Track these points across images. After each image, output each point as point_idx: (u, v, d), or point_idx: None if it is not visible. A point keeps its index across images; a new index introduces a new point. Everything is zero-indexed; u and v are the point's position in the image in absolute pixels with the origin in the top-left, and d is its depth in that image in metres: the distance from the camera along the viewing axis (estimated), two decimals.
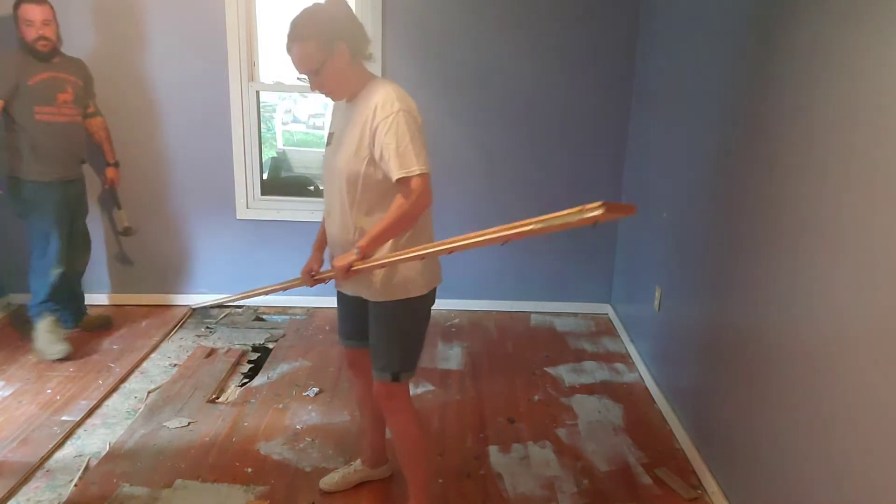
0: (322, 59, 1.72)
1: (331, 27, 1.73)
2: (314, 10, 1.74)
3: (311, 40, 1.71)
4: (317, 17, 1.73)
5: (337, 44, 1.73)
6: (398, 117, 1.70)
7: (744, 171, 2.15)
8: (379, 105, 1.73)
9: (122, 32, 3.47)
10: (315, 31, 1.71)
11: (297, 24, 1.72)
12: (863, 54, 1.54)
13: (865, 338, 1.48)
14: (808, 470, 1.70)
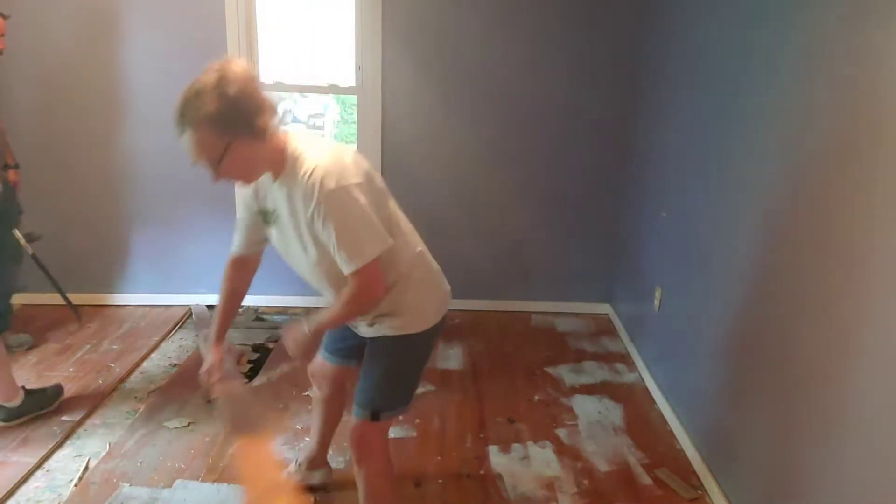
0: (223, 145, 1.42)
1: (230, 107, 1.40)
2: (206, 86, 1.41)
3: (206, 126, 1.40)
4: (210, 95, 1.39)
5: (237, 130, 1.42)
6: (329, 203, 1.45)
7: (744, 171, 2.15)
8: (306, 193, 1.48)
9: (122, 33, 3.47)
10: (210, 113, 1.39)
11: (186, 106, 1.41)
12: (865, 51, 1.54)
13: (866, 338, 1.48)
14: (809, 470, 1.70)
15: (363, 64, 3.58)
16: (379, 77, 3.56)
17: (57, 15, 3.41)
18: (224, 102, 1.39)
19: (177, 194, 3.71)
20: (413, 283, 1.72)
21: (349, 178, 1.49)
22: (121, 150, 3.61)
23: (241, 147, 1.43)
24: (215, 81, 1.40)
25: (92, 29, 3.44)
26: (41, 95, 3.49)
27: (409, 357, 1.77)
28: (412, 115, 3.65)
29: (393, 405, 1.77)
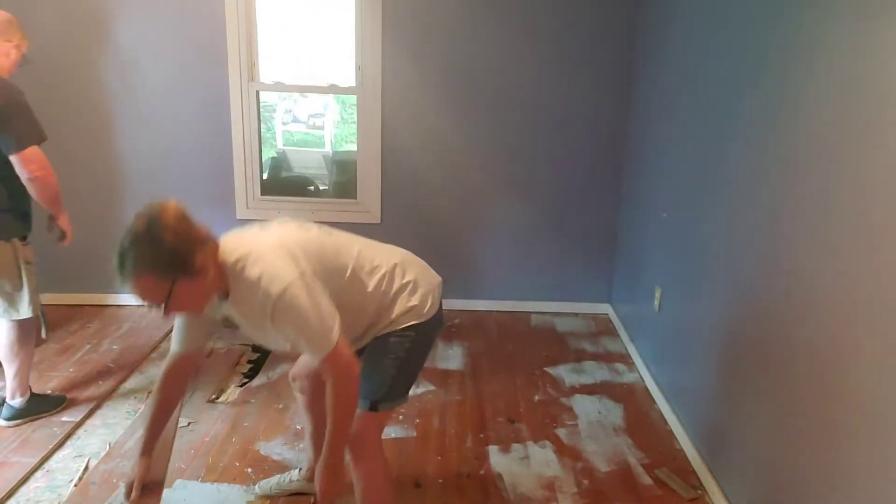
0: (166, 288, 1.45)
1: (167, 253, 1.43)
2: (139, 236, 1.43)
3: (146, 274, 1.44)
4: (145, 244, 1.43)
5: (177, 271, 1.45)
6: (279, 309, 1.50)
7: (744, 171, 2.15)
8: (259, 305, 1.52)
9: (122, 33, 3.47)
10: (148, 262, 1.43)
11: (124, 257, 1.44)
12: (865, 52, 1.54)
13: (867, 337, 1.48)
14: (809, 470, 1.70)
15: (363, 64, 3.58)
16: (379, 77, 3.56)
17: (55, 14, 3.41)
18: (160, 249, 1.43)
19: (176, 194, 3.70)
20: (397, 298, 1.76)
21: (288, 276, 1.52)
22: (121, 150, 3.61)
23: (183, 286, 1.47)
24: (147, 229, 1.44)
25: (91, 29, 3.44)
26: (40, 95, 3.48)
27: (409, 348, 1.77)
28: (412, 114, 3.65)
29: (392, 396, 1.77)
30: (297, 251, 1.59)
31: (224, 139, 3.63)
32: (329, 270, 1.64)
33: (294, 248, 1.60)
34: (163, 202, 1.49)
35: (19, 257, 2.43)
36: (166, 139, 3.62)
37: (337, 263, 1.68)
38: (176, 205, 1.50)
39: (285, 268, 1.53)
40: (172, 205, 1.49)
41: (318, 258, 1.63)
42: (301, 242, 1.63)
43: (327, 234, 1.72)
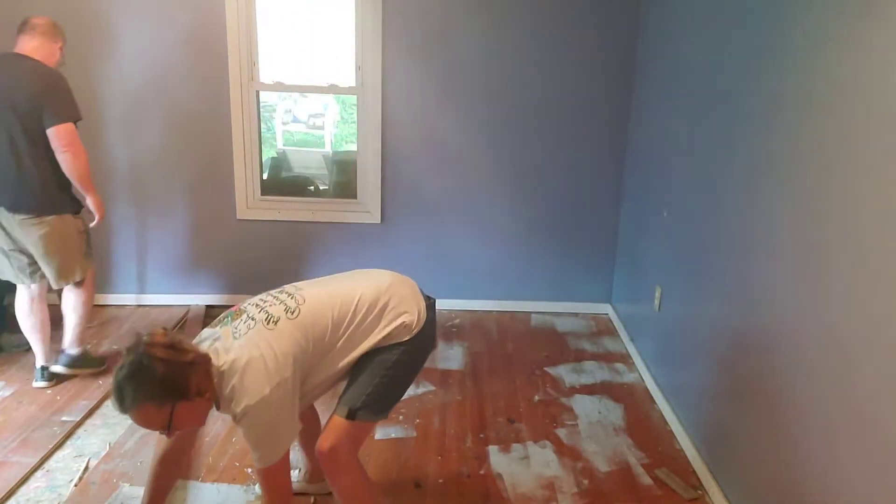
0: (167, 414, 1.51)
1: (162, 383, 1.49)
2: (134, 370, 1.48)
3: (145, 405, 1.49)
4: (140, 378, 1.48)
5: (173, 397, 1.51)
6: (244, 416, 1.58)
7: (744, 171, 2.15)
8: (232, 409, 1.59)
9: (123, 32, 3.47)
10: (145, 394, 1.48)
11: (122, 391, 1.48)
12: (867, 50, 1.53)
13: (867, 337, 1.48)
14: (809, 470, 1.70)
15: (363, 64, 3.58)
16: (379, 77, 3.56)
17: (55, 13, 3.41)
18: (153, 380, 1.48)
19: (177, 194, 3.71)
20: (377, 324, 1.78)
21: (257, 393, 1.57)
22: (121, 150, 3.61)
23: (183, 408, 1.52)
24: (139, 363, 1.48)
25: (91, 28, 3.44)
26: None
27: (395, 362, 1.78)
28: (412, 114, 3.65)
29: (371, 407, 1.76)
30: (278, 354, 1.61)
31: (224, 139, 3.63)
32: (308, 355, 1.69)
33: (272, 353, 1.61)
34: (150, 332, 1.55)
35: (76, 228, 2.79)
36: (166, 139, 3.62)
37: (312, 344, 1.70)
38: (163, 333, 1.56)
39: (257, 383, 1.57)
40: (160, 334, 1.56)
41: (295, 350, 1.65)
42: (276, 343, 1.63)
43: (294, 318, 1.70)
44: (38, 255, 2.73)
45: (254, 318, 1.68)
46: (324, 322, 1.72)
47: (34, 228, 2.67)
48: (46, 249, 2.71)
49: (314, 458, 2.16)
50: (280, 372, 1.60)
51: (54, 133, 2.57)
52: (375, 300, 1.78)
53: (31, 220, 2.66)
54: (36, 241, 2.69)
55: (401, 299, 1.81)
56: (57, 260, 2.74)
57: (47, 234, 2.68)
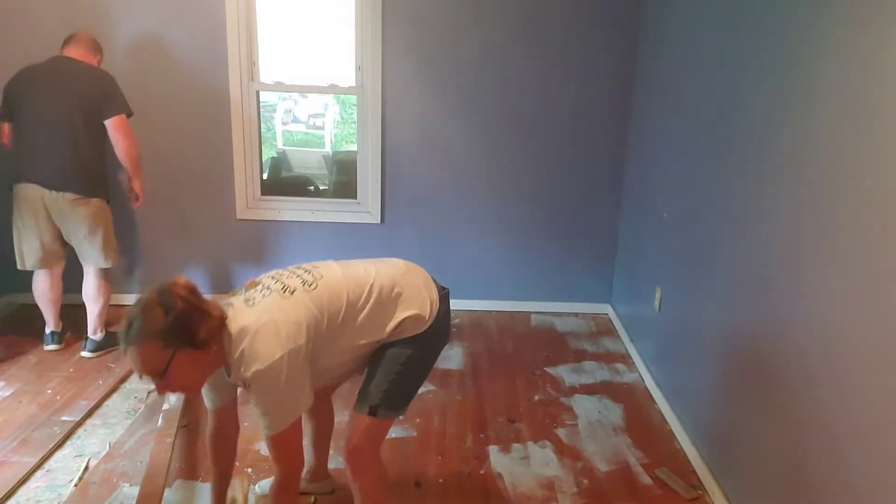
0: (167, 358, 1.48)
1: (175, 320, 1.47)
2: (150, 302, 1.49)
3: (151, 340, 1.46)
4: (156, 311, 1.48)
5: (180, 342, 1.49)
6: (255, 384, 1.55)
7: (745, 171, 2.15)
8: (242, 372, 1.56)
9: (122, 32, 3.47)
10: (155, 328, 1.46)
11: (132, 322, 1.48)
12: (868, 51, 1.54)
13: (867, 338, 1.48)
14: (809, 469, 1.70)
15: (363, 64, 3.58)
16: (379, 77, 3.56)
17: (54, 13, 3.42)
18: (168, 316, 1.47)
19: (177, 194, 3.71)
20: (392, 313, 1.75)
21: (269, 357, 1.53)
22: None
23: (184, 356, 1.49)
24: (158, 296, 1.49)
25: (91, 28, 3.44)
26: None
27: (409, 357, 1.75)
28: (412, 114, 3.65)
29: (390, 404, 1.75)
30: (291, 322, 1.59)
31: (224, 139, 3.63)
32: (322, 328, 1.65)
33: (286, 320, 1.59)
34: (173, 277, 1.56)
35: (110, 214, 3.11)
36: (166, 139, 3.62)
37: (328, 317, 1.67)
38: (186, 280, 1.57)
39: (269, 348, 1.54)
40: (183, 279, 1.56)
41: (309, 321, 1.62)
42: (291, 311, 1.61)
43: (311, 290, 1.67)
44: (83, 234, 3.00)
45: (269, 288, 1.66)
46: (340, 300, 1.69)
47: (82, 209, 2.96)
48: (92, 228, 3.00)
49: (320, 457, 2.18)
50: (293, 339, 1.57)
51: (114, 123, 2.94)
52: (391, 287, 1.75)
53: (81, 200, 2.95)
54: (82, 220, 2.98)
55: (415, 289, 1.79)
56: (100, 238, 3.04)
57: (94, 214, 3.00)
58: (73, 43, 3.01)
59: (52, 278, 3.11)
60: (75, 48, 3.00)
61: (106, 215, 3.08)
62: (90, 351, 3.15)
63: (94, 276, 3.11)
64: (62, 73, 2.93)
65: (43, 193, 2.90)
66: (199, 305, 1.53)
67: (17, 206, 2.98)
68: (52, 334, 3.20)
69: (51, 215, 2.95)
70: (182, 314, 1.48)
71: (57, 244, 3.04)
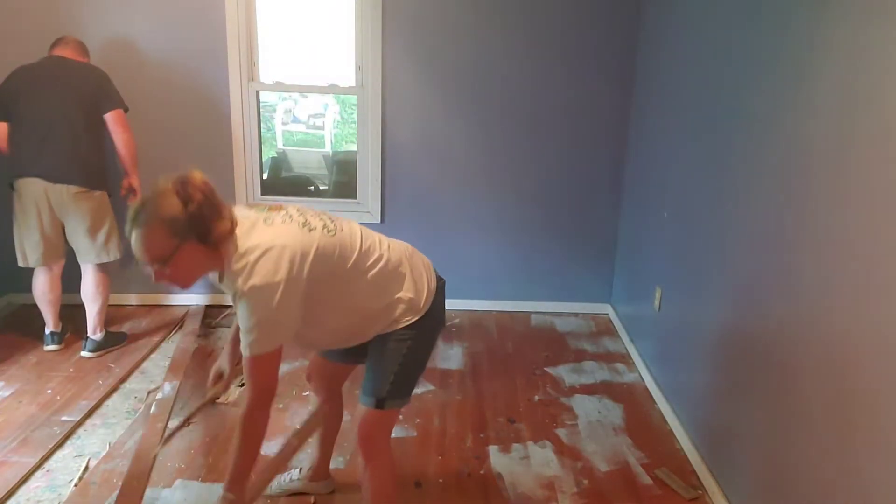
0: (171, 248, 1.47)
1: (184, 212, 1.47)
2: (167, 189, 1.50)
3: (160, 225, 1.46)
4: (171, 198, 1.48)
5: (189, 235, 1.48)
6: (245, 300, 1.52)
7: (745, 171, 2.15)
8: (237, 286, 1.53)
9: (122, 32, 3.47)
10: (167, 214, 1.46)
11: (145, 205, 1.49)
12: (867, 51, 1.54)
13: (867, 338, 1.48)
14: (809, 469, 1.70)
15: (363, 64, 3.58)
16: (379, 77, 3.56)
17: (55, 13, 3.42)
18: (183, 206, 1.47)
19: None
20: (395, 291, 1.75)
21: (266, 277, 1.51)
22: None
23: (189, 250, 1.49)
24: (176, 186, 1.49)
25: (90, 29, 3.44)
26: None
27: (410, 347, 1.76)
28: (412, 114, 3.65)
29: (397, 394, 1.77)
30: (300, 252, 1.57)
31: (224, 139, 3.63)
32: (330, 270, 1.63)
33: (297, 249, 1.57)
34: (192, 171, 1.53)
35: (111, 207, 3.13)
36: (166, 139, 3.62)
37: (338, 262, 1.66)
38: (204, 176, 1.54)
39: (273, 268, 1.52)
40: (201, 174, 1.54)
41: (320, 259, 1.61)
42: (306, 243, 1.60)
43: (329, 235, 1.68)
44: (84, 229, 3.02)
45: (291, 217, 1.64)
46: (351, 254, 1.68)
47: (85, 203, 2.99)
48: (93, 223, 3.03)
49: (324, 456, 2.19)
50: (297, 269, 1.55)
51: (114, 116, 3.01)
52: (398, 263, 1.76)
53: (84, 194, 2.98)
54: (85, 215, 3.01)
55: (417, 273, 1.80)
56: (103, 232, 3.08)
57: (96, 209, 3.04)
58: (62, 45, 3.05)
59: (51, 278, 3.13)
60: (65, 49, 3.04)
61: (108, 208, 3.12)
62: (90, 351, 3.15)
63: (92, 275, 3.13)
64: (58, 70, 2.98)
65: (46, 186, 2.92)
66: (215, 204, 1.52)
67: (19, 202, 2.99)
68: (52, 334, 3.21)
69: (53, 209, 2.97)
70: (198, 208, 1.47)
71: (58, 238, 3.06)
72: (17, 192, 2.99)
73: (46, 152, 2.92)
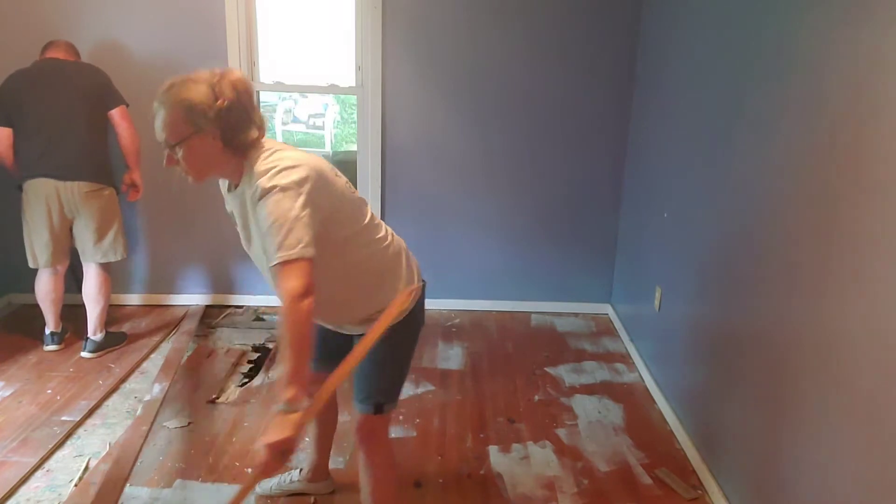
0: (186, 134, 1.44)
1: (211, 104, 1.43)
2: (202, 77, 1.46)
3: (183, 109, 1.43)
4: (204, 86, 1.44)
5: (208, 128, 1.44)
6: (269, 198, 1.44)
7: (744, 172, 2.15)
8: (252, 192, 1.48)
9: (122, 33, 3.47)
10: (189, 100, 1.42)
11: (177, 85, 1.45)
12: (868, 52, 1.54)
13: (867, 338, 1.48)
14: (809, 469, 1.70)
15: (363, 64, 3.58)
16: (379, 77, 3.56)
17: (54, 12, 3.41)
18: (212, 97, 1.43)
19: (177, 194, 3.71)
20: (385, 278, 1.73)
21: (291, 181, 1.45)
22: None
23: (203, 144, 1.46)
24: (213, 77, 1.46)
25: (90, 29, 3.44)
26: None
27: (394, 349, 1.74)
28: (412, 114, 3.65)
29: (392, 396, 1.80)
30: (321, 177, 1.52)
31: None
32: (341, 221, 1.60)
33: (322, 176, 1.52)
34: (233, 68, 1.52)
35: (118, 205, 3.16)
36: None
37: (349, 218, 1.63)
38: (245, 77, 1.51)
39: (300, 176, 1.46)
40: (241, 74, 1.51)
41: (338, 200, 1.58)
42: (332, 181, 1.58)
43: (350, 190, 1.66)
44: (93, 227, 3.04)
45: None
46: (363, 219, 1.67)
47: (95, 202, 3.02)
48: (102, 222, 3.05)
49: (322, 455, 2.19)
50: (322, 190, 1.50)
51: (120, 112, 3.06)
52: (398, 252, 1.77)
53: (95, 192, 3.01)
54: (94, 213, 3.03)
55: (408, 271, 1.79)
56: (112, 231, 3.09)
57: (105, 207, 3.06)
58: (54, 48, 3.06)
59: (56, 278, 3.13)
60: (57, 51, 3.06)
61: (117, 207, 3.15)
62: (90, 351, 3.15)
63: (95, 275, 3.13)
64: (58, 71, 2.99)
65: (57, 185, 2.94)
66: (247, 108, 1.48)
67: (28, 203, 2.99)
68: (53, 335, 3.21)
69: (63, 208, 2.98)
70: (226, 106, 1.44)
71: (66, 238, 3.07)
72: (26, 194, 2.99)
73: (55, 152, 2.93)
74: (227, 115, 1.45)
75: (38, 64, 3.02)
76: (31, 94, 2.94)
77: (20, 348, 3.21)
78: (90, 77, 3.04)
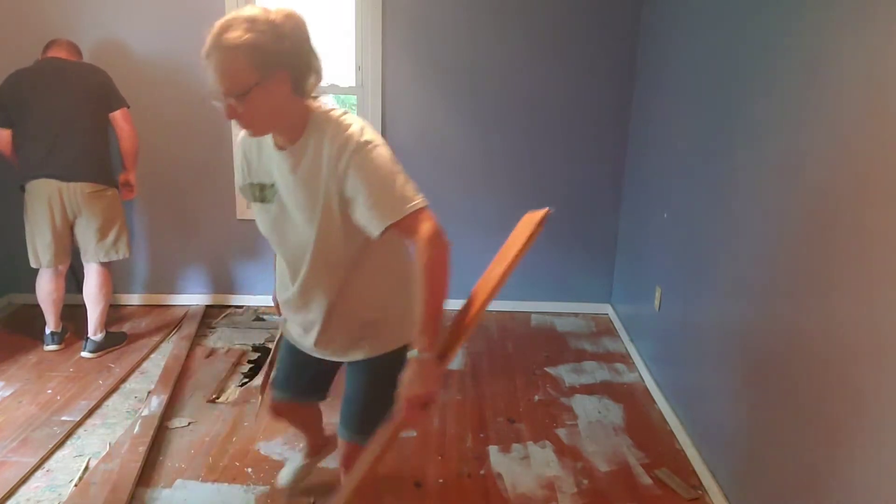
0: (252, 81, 1.25)
1: (276, 44, 1.26)
2: (260, 15, 1.26)
3: (245, 51, 1.23)
4: (264, 25, 1.25)
5: (277, 70, 1.28)
6: (372, 151, 1.34)
7: (745, 171, 2.15)
8: (340, 144, 1.34)
9: (123, 32, 3.47)
10: (252, 41, 1.23)
11: (231, 26, 1.24)
12: (868, 53, 1.53)
13: (867, 337, 1.48)
14: (810, 469, 1.70)
15: (363, 64, 3.58)
16: (379, 77, 3.56)
17: (54, 12, 3.42)
18: (276, 36, 1.26)
19: (177, 194, 3.71)
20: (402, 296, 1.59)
21: (379, 138, 1.39)
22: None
23: (272, 91, 1.28)
24: (274, 15, 1.27)
25: (90, 30, 3.44)
26: None
27: (396, 376, 1.45)
28: (412, 115, 3.65)
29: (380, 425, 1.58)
30: None
31: (224, 139, 3.63)
32: None
33: None
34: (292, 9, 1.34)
35: (121, 204, 3.17)
36: (166, 139, 3.62)
37: None
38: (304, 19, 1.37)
39: (377, 137, 1.39)
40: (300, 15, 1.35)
41: None
42: None
43: None
44: (95, 227, 3.05)
45: None
46: None
47: (98, 202, 3.02)
48: (104, 222, 3.06)
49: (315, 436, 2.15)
50: None
51: (122, 114, 3.07)
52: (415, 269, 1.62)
53: (98, 192, 3.02)
54: (98, 213, 3.04)
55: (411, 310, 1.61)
56: (114, 231, 3.10)
57: (108, 207, 3.07)
58: (56, 47, 3.06)
59: (57, 278, 3.13)
60: (59, 51, 3.05)
61: (119, 206, 3.15)
62: (90, 352, 3.15)
63: (96, 275, 3.13)
64: (61, 72, 2.99)
65: (60, 186, 2.94)
66: (309, 46, 1.33)
67: (31, 203, 2.99)
68: (53, 335, 3.21)
69: (66, 209, 2.98)
70: (290, 42, 1.28)
71: (68, 238, 3.08)
72: (28, 194, 2.99)
73: (58, 152, 2.93)
74: (296, 55, 1.30)
75: (40, 63, 3.02)
76: (34, 95, 2.94)
77: (20, 348, 3.21)
78: (92, 77, 3.03)
